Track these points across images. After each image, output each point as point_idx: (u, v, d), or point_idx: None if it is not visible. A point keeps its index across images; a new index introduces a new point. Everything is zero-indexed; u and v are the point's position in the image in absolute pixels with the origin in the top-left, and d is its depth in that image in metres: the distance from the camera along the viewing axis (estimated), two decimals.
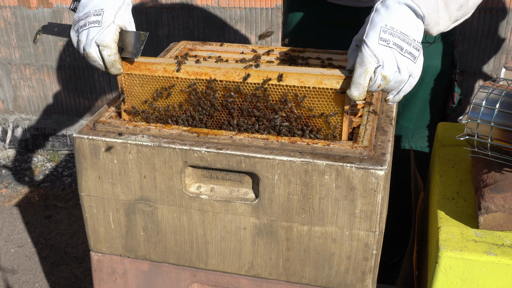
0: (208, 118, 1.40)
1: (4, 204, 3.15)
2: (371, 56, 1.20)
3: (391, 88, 1.25)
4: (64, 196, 3.21)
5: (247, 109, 1.36)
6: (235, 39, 3.16)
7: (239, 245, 1.41)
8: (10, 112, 3.56)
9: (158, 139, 1.35)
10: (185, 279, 1.50)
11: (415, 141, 2.09)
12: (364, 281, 1.36)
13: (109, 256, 1.53)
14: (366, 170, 1.24)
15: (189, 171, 1.37)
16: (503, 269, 1.26)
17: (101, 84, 3.40)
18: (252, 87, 1.34)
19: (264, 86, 1.33)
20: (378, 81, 1.22)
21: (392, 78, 1.23)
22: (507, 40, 2.97)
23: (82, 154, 1.39)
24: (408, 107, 2.04)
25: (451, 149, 1.65)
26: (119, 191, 1.42)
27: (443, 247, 1.28)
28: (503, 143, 1.30)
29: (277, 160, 1.28)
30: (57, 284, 2.57)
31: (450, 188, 1.48)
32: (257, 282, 1.45)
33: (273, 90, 1.33)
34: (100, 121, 1.41)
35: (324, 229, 1.32)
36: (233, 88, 1.35)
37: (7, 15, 3.27)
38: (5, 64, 3.41)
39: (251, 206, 1.35)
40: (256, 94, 1.34)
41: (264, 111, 1.35)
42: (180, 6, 3.09)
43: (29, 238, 2.87)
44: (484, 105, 1.31)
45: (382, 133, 1.39)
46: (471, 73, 3.05)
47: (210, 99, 1.37)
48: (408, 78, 1.24)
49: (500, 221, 1.32)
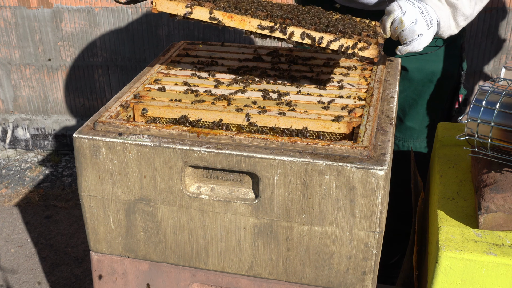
0: None
1: (4, 204, 3.15)
2: (397, 6, 1.62)
3: (404, 35, 1.62)
4: (64, 196, 3.21)
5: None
6: (235, 39, 3.16)
7: (239, 245, 1.40)
8: (10, 112, 3.56)
9: (158, 139, 1.35)
10: (185, 279, 1.50)
11: (420, 141, 2.09)
12: (364, 281, 1.36)
13: (109, 256, 1.53)
14: (366, 170, 1.24)
15: (189, 171, 1.37)
16: (503, 269, 1.26)
17: (101, 84, 3.40)
18: None
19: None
20: (396, 23, 1.62)
21: (407, 26, 1.60)
22: (507, 40, 2.97)
23: (82, 154, 1.39)
24: (414, 108, 2.04)
25: (451, 149, 1.65)
26: (119, 191, 1.42)
27: (443, 247, 1.28)
28: (503, 143, 1.30)
29: (277, 160, 1.28)
30: (57, 284, 2.57)
31: (450, 188, 1.48)
32: (257, 282, 1.45)
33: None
34: (100, 121, 1.41)
35: (324, 229, 1.32)
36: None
37: (7, 15, 3.26)
38: (5, 64, 3.41)
39: (251, 206, 1.35)
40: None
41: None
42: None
43: (29, 238, 2.87)
44: (484, 105, 1.31)
45: (382, 133, 1.39)
46: (471, 73, 3.05)
47: None
48: (419, 36, 1.61)
49: (500, 221, 1.32)
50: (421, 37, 1.62)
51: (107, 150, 1.37)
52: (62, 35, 3.28)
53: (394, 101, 1.55)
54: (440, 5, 1.66)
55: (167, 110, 1.48)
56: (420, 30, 1.61)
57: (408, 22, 1.60)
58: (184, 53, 1.85)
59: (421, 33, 1.61)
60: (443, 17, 1.66)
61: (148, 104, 1.50)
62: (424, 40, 1.63)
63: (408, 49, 1.65)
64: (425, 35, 1.62)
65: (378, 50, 1.42)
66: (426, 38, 1.64)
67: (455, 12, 1.68)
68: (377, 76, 1.63)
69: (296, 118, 1.41)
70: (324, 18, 1.58)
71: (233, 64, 1.75)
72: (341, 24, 1.55)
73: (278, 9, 1.61)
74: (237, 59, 1.79)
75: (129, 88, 1.61)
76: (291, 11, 1.62)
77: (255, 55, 1.83)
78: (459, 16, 1.68)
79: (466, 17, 1.69)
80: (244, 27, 1.45)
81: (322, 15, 1.62)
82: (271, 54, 1.82)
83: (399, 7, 1.62)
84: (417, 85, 2.00)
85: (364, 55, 1.43)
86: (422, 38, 1.62)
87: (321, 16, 1.60)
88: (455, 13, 1.68)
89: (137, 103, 1.51)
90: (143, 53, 3.27)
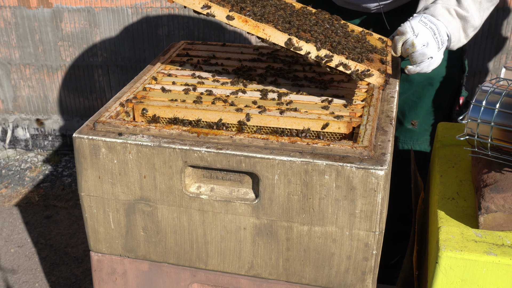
0: None
1: (4, 204, 3.15)
2: (409, 28, 1.63)
3: (415, 58, 1.64)
4: (64, 196, 3.21)
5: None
6: (235, 39, 3.16)
7: (239, 245, 1.40)
8: (10, 112, 3.56)
9: (158, 139, 1.35)
10: (185, 279, 1.50)
11: (419, 143, 2.09)
12: (364, 281, 1.36)
13: (109, 256, 1.53)
14: (366, 170, 1.24)
15: (189, 171, 1.37)
16: (503, 269, 1.26)
17: (101, 84, 3.40)
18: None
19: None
20: (407, 45, 1.63)
21: (418, 49, 1.62)
22: (507, 40, 2.97)
23: (82, 154, 1.39)
24: (414, 111, 2.04)
25: (451, 149, 1.65)
26: (119, 191, 1.42)
27: (443, 247, 1.28)
28: (503, 143, 1.30)
29: (277, 160, 1.28)
30: (57, 284, 2.57)
31: (450, 188, 1.48)
32: (257, 282, 1.44)
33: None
34: (100, 121, 1.41)
35: (324, 229, 1.32)
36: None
37: (7, 15, 3.26)
38: (5, 64, 3.41)
39: (251, 206, 1.34)
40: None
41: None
42: (180, 6, 3.09)
43: (29, 238, 2.87)
44: (484, 105, 1.31)
45: (382, 133, 1.39)
46: (471, 73, 3.05)
47: None
48: (429, 59, 1.63)
49: (500, 221, 1.32)
50: (431, 60, 1.64)
51: (107, 150, 1.37)
52: (62, 35, 3.28)
53: (394, 101, 1.55)
54: (451, 19, 1.67)
55: (167, 110, 1.48)
56: (430, 53, 1.63)
57: (420, 45, 1.61)
58: (184, 53, 1.85)
59: (431, 56, 1.63)
60: (454, 31, 1.67)
61: (148, 104, 1.50)
62: (434, 62, 1.65)
63: (417, 70, 1.67)
64: (435, 57, 1.64)
65: (384, 80, 1.42)
66: (436, 60, 1.65)
67: (465, 24, 1.68)
68: None
69: (296, 118, 1.41)
70: (340, 33, 1.59)
71: (233, 64, 1.75)
72: (356, 44, 1.55)
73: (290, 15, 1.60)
74: (237, 59, 1.79)
75: (129, 88, 1.61)
76: (303, 18, 1.61)
77: (255, 55, 1.83)
78: (469, 28, 1.69)
79: (475, 28, 1.71)
80: (257, 33, 1.45)
81: (337, 28, 1.61)
82: (271, 54, 1.82)
83: (412, 30, 1.62)
84: (417, 87, 2.00)
85: (371, 82, 1.43)
86: (432, 60, 1.64)
87: (337, 30, 1.60)
88: (465, 26, 1.69)
89: (137, 103, 1.51)
90: (143, 53, 3.27)
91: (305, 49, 1.43)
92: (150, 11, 3.13)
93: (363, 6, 1.90)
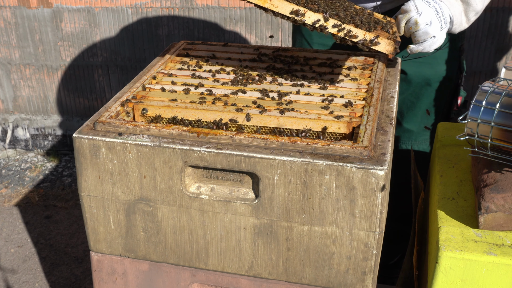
0: None
1: (4, 204, 3.15)
2: (413, 6, 1.63)
3: (417, 36, 1.64)
4: (64, 196, 3.21)
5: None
6: (235, 39, 3.16)
7: (239, 245, 1.40)
8: (10, 112, 3.56)
9: (158, 139, 1.35)
10: (185, 279, 1.50)
11: (418, 143, 2.09)
12: (364, 281, 1.36)
13: (109, 256, 1.53)
14: (366, 170, 1.24)
15: (189, 171, 1.37)
16: (503, 269, 1.26)
17: (101, 84, 3.40)
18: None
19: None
20: (410, 24, 1.63)
21: (421, 27, 1.62)
22: (507, 40, 2.97)
23: (82, 154, 1.39)
24: (412, 110, 2.04)
25: (451, 149, 1.65)
26: (119, 191, 1.42)
27: (443, 247, 1.28)
28: (503, 143, 1.30)
29: (277, 160, 1.28)
30: (57, 284, 2.57)
31: (450, 188, 1.48)
32: (257, 282, 1.44)
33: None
34: (100, 121, 1.41)
35: (324, 229, 1.32)
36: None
37: (7, 15, 3.26)
38: (5, 64, 3.41)
39: (251, 206, 1.35)
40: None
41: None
42: (180, 6, 3.09)
43: (29, 238, 2.87)
44: (484, 105, 1.31)
45: (382, 133, 1.39)
46: (471, 73, 3.05)
47: None
48: (431, 38, 1.64)
49: (500, 221, 1.32)
50: (434, 39, 1.65)
51: (107, 150, 1.37)
52: (62, 35, 3.28)
53: (394, 101, 1.55)
54: (453, 2, 1.68)
55: (167, 110, 1.48)
56: (433, 32, 1.64)
57: (423, 23, 1.62)
58: (184, 53, 1.85)
59: (434, 35, 1.64)
60: (456, 14, 1.68)
61: (148, 104, 1.50)
62: (437, 41, 1.66)
63: (419, 49, 1.67)
64: (438, 36, 1.65)
65: (394, 47, 1.42)
66: (439, 40, 1.66)
67: (468, 8, 1.70)
68: (377, 76, 1.63)
69: (296, 118, 1.41)
70: (349, 8, 1.59)
71: (233, 64, 1.75)
72: (362, 16, 1.55)
73: None
74: (237, 59, 1.79)
75: (129, 88, 1.61)
76: None
77: (255, 55, 1.83)
78: (470, 12, 1.70)
79: (477, 12, 1.71)
80: (264, 4, 1.42)
81: (344, 3, 1.62)
82: (271, 54, 1.82)
83: (416, 8, 1.63)
84: (415, 87, 2.00)
85: (380, 50, 1.43)
86: (435, 39, 1.65)
87: (346, 6, 1.60)
88: (467, 9, 1.70)
89: (137, 103, 1.51)
90: (143, 53, 3.27)
91: (313, 18, 1.43)
92: (150, 11, 3.13)
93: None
